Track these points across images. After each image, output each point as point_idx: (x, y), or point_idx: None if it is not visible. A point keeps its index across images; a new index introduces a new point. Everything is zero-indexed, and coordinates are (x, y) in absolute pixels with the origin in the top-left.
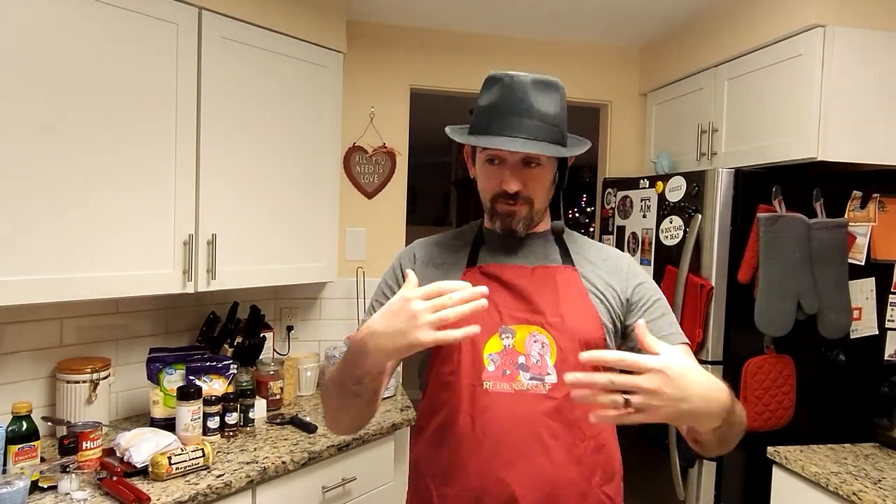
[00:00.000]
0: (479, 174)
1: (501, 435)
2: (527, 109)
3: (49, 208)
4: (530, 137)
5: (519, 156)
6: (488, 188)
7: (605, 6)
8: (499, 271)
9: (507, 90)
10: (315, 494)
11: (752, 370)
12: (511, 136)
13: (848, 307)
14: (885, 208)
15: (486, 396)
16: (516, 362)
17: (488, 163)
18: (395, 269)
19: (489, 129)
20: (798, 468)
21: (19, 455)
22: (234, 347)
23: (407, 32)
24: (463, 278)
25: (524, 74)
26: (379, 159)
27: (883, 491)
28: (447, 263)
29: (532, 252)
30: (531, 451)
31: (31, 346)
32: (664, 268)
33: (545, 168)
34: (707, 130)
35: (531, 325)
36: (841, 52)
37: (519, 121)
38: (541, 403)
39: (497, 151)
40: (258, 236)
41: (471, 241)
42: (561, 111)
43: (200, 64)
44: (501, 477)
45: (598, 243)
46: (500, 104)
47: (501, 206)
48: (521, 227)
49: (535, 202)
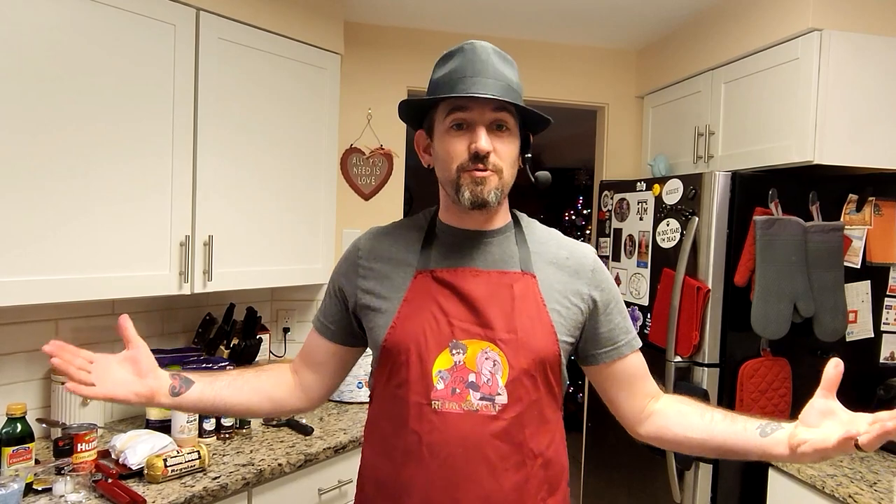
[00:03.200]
0: (442, 147)
1: (447, 456)
2: (493, 71)
3: (45, 209)
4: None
5: (490, 115)
6: (454, 155)
7: (603, 9)
8: (452, 278)
9: (470, 55)
10: (311, 497)
11: (749, 373)
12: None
13: (844, 310)
14: (880, 212)
15: (435, 416)
16: (466, 380)
17: (454, 129)
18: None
19: (455, 90)
20: (794, 471)
21: (14, 457)
22: (230, 349)
23: (404, 34)
24: (414, 283)
25: (486, 42)
26: (376, 161)
27: (878, 493)
28: (395, 260)
29: (489, 253)
30: (477, 474)
31: (26, 347)
32: (661, 270)
33: (513, 135)
34: (704, 133)
35: (483, 340)
36: (837, 56)
37: (486, 80)
38: (490, 425)
39: (464, 114)
40: (255, 238)
41: (422, 236)
42: (520, 84)
43: (198, 65)
44: (445, 498)
45: (559, 235)
46: (464, 67)
47: (471, 175)
48: (492, 197)
49: (504, 172)
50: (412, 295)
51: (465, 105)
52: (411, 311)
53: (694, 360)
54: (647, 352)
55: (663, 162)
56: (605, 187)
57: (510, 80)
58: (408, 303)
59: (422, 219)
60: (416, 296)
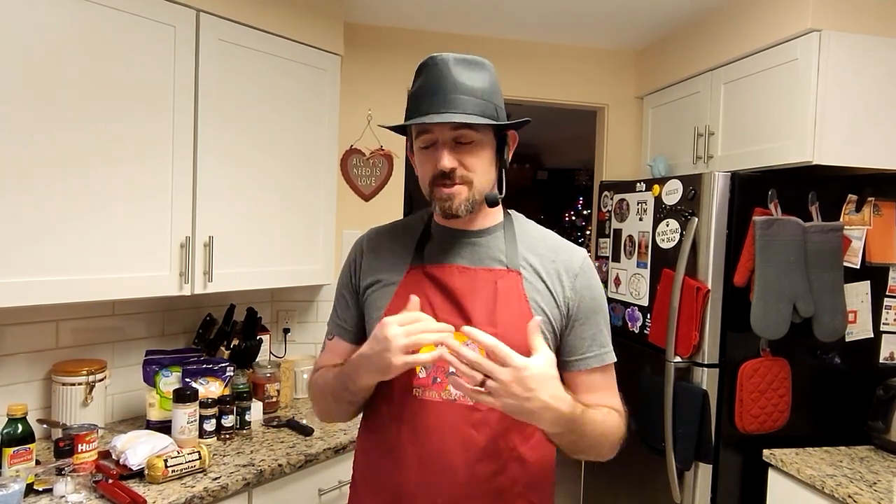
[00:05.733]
0: (417, 162)
1: (426, 442)
2: (452, 85)
3: (46, 210)
4: (458, 112)
5: (449, 133)
6: (424, 174)
7: (603, 10)
8: (439, 273)
9: (431, 69)
10: (312, 497)
11: (748, 373)
12: (439, 113)
13: (843, 310)
14: (879, 212)
15: (415, 403)
16: (447, 370)
17: (423, 150)
18: (350, 261)
19: (418, 112)
20: (794, 471)
21: (14, 458)
22: (230, 350)
23: (404, 35)
24: (406, 277)
25: (446, 53)
26: (376, 162)
27: (878, 494)
28: (393, 258)
29: (476, 251)
30: (453, 461)
31: (26, 348)
32: (661, 271)
33: (481, 145)
34: (703, 134)
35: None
36: (836, 56)
37: (445, 97)
38: (467, 415)
39: (428, 135)
40: (255, 239)
41: (418, 235)
42: (490, 87)
43: (198, 66)
44: (422, 483)
45: (553, 236)
46: (426, 85)
47: (439, 191)
48: (461, 209)
49: (474, 181)
50: (403, 289)
51: (427, 128)
52: (401, 304)
53: (693, 361)
54: (648, 352)
55: (663, 162)
56: (605, 188)
57: (472, 88)
58: (399, 296)
59: (419, 218)
60: (407, 290)
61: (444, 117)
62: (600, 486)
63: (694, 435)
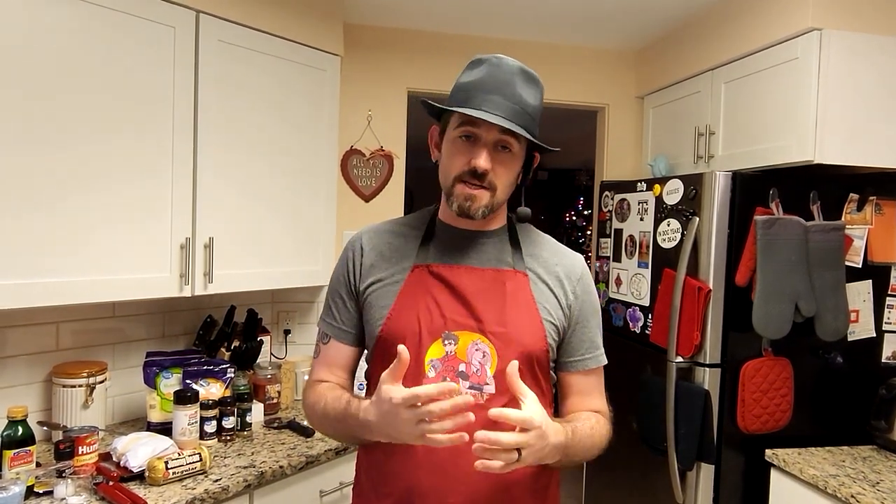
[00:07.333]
0: (447, 152)
1: None
2: (511, 92)
3: (45, 212)
4: (510, 120)
5: (494, 135)
6: (455, 165)
7: (603, 10)
8: (447, 273)
9: (493, 70)
10: (313, 499)
11: (750, 373)
12: (495, 114)
13: (845, 310)
14: (881, 211)
15: None
16: (456, 369)
17: (461, 139)
18: (346, 260)
19: (469, 103)
20: (796, 471)
21: (15, 460)
22: (231, 351)
23: (404, 36)
24: (410, 276)
25: (513, 60)
26: (376, 162)
27: (881, 493)
28: (395, 257)
29: (484, 252)
30: (462, 460)
31: (27, 350)
32: (662, 271)
33: (515, 157)
34: (704, 133)
35: (474, 332)
36: (837, 55)
37: (501, 101)
38: (477, 413)
39: (473, 128)
40: (255, 239)
41: (422, 234)
42: (539, 105)
43: (198, 67)
44: (433, 484)
45: (552, 241)
46: (485, 81)
47: (463, 188)
48: (479, 213)
49: (498, 191)
50: (408, 287)
51: (474, 120)
52: (406, 303)
53: (695, 361)
54: (649, 352)
55: (663, 162)
56: (606, 188)
57: (527, 103)
58: (404, 295)
59: (421, 217)
60: (412, 288)
61: (500, 120)
62: (602, 487)
63: (696, 435)
